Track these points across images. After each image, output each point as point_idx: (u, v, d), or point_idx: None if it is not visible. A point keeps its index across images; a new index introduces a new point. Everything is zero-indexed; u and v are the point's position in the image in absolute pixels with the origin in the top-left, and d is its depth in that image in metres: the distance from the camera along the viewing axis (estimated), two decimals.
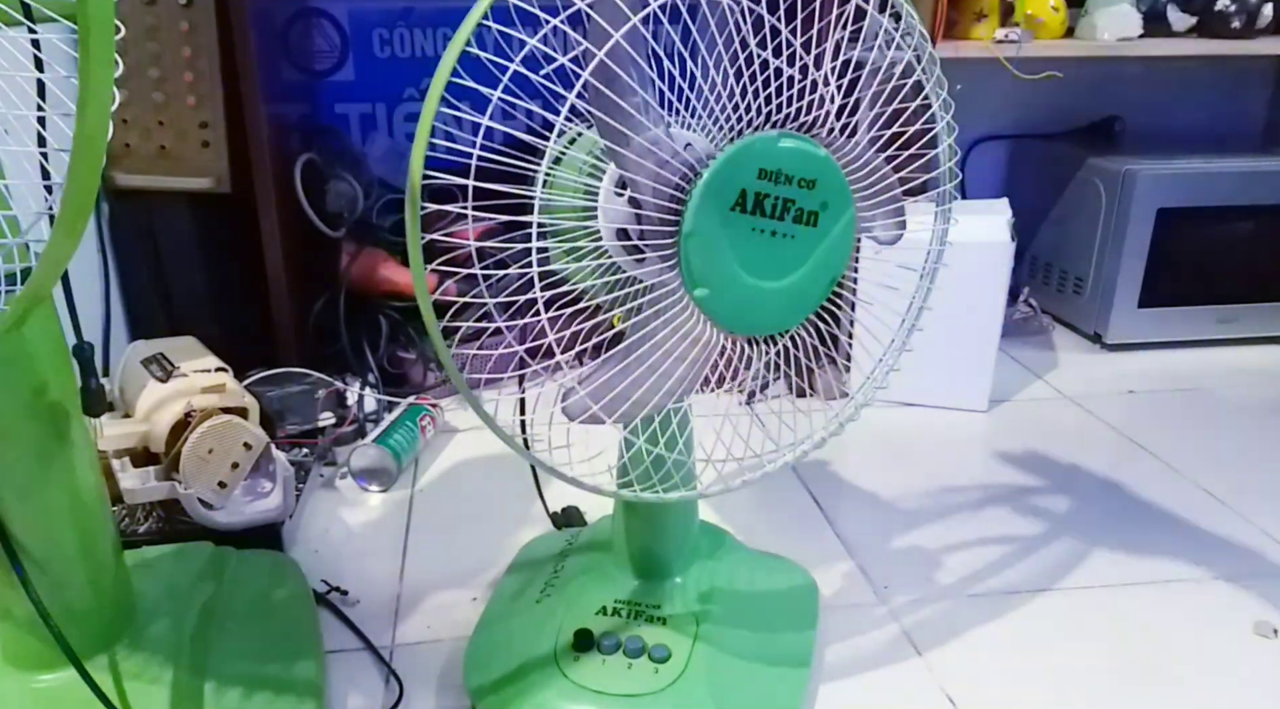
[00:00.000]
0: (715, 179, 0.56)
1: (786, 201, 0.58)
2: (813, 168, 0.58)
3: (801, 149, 0.58)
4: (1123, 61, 1.58)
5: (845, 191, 0.60)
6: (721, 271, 0.58)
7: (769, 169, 0.57)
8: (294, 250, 1.27)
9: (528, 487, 0.93)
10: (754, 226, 0.58)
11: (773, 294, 0.60)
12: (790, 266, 0.60)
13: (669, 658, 0.70)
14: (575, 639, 0.71)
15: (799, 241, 0.59)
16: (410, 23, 1.44)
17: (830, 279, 0.62)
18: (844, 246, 0.61)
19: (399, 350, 1.29)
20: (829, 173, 0.59)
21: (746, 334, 0.63)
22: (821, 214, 0.59)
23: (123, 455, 0.86)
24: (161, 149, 1.17)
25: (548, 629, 0.73)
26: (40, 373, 0.59)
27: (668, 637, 0.71)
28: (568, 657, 0.71)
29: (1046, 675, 0.77)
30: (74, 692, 0.60)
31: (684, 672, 0.69)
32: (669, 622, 0.73)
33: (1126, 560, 0.93)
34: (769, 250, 0.59)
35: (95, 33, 0.41)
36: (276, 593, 0.80)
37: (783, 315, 0.62)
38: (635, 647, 0.70)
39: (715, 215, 0.57)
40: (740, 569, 0.83)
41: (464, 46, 0.52)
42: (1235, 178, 1.44)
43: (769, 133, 0.57)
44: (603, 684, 0.68)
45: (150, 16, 1.13)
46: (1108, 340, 1.50)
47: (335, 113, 1.47)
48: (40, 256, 0.49)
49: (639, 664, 0.69)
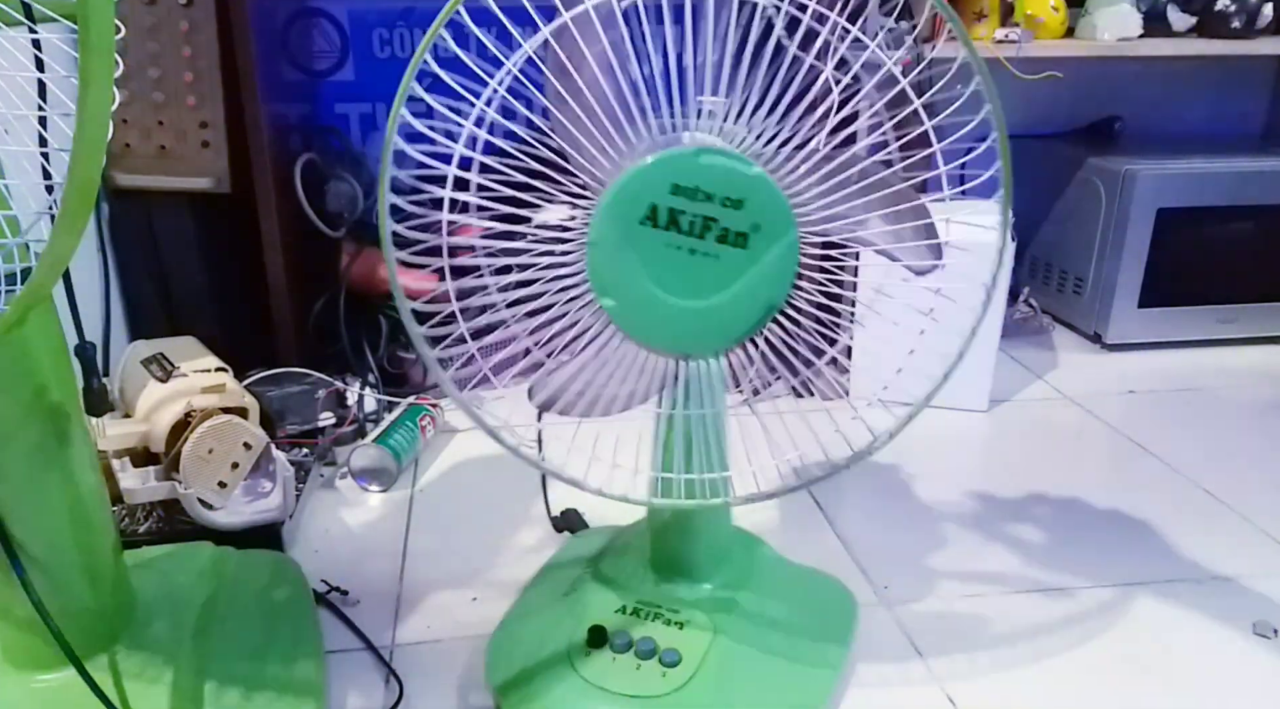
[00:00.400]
0: (621, 191, 0.56)
1: (707, 220, 0.55)
2: (739, 187, 0.55)
3: (725, 166, 0.55)
4: (1123, 61, 1.58)
5: (784, 213, 0.56)
6: (630, 284, 0.58)
7: (685, 185, 0.55)
8: (294, 250, 1.27)
9: (527, 486, 0.93)
10: (669, 243, 0.56)
11: (693, 313, 0.58)
12: (713, 288, 0.57)
13: (679, 663, 0.69)
14: (589, 635, 0.71)
15: (724, 263, 0.56)
16: (410, 23, 1.44)
17: (765, 306, 0.58)
18: (782, 273, 0.57)
19: (399, 350, 1.29)
20: (761, 192, 0.55)
21: (663, 350, 0.61)
22: (752, 236, 0.56)
23: (123, 455, 0.86)
24: (161, 149, 1.17)
25: (567, 624, 0.73)
26: (40, 373, 0.59)
27: (681, 641, 0.70)
28: (580, 652, 0.70)
29: (1046, 675, 0.77)
30: (74, 691, 0.60)
31: (691, 678, 0.68)
32: (685, 626, 0.72)
33: (1126, 560, 0.93)
34: (688, 268, 0.56)
35: (95, 32, 0.41)
36: (276, 593, 0.80)
37: (705, 337, 0.60)
38: (647, 648, 0.70)
39: (620, 227, 0.56)
40: (771, 580, 0.80)
41: (424, 55, 0.52)
42: (1235, 178, 1.44)
43: (686, 148, 0.55)
44: (609, 682, 0.68)
45: (150, 16, 1.13)
46: (1108, 340, 1.50)
47: (335, 113, 1.47)
48: (40, 256, 0.49)
49: (648, 666, 0.69)
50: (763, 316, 0.58)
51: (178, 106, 1.15)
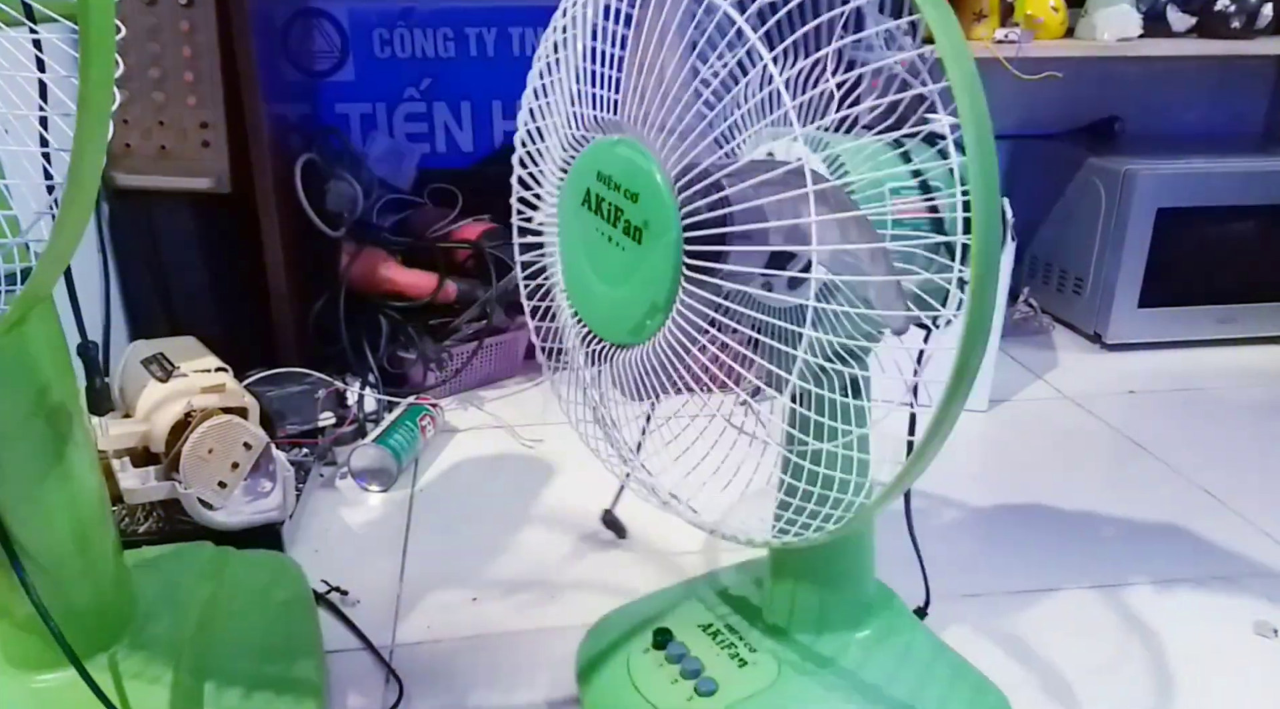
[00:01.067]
0: (572, 173, 0.57)
1: (617, 210, 0.54)
2: (637, 180, 0.52)
3: (628, 157, 0.52)
4: (1122, 62, 1.58)
5: (667, 211, 0.50)
6: (574, 263, 0.59)
7: (604, 173, 0.54)
8: (294, 250, 1.27)
9: (528, 486, 0.93)
10: (597, 227, 0.55)
11: (610, 300, 0.56)
12: (622, 277, 0.55)
13: (713, 694, 0.65)
14: (655, 636, 0.70)
15: (629, 255, 0.54)
16: (410, 23, 1.44)
17: (649, 305, 0.53)
18: (661, 275, 0.51)
19: (399, 350, 1.29)
20: (652, 188, 0.51)
21: (602, 335, 0.59)
22: (644, 231, 0.52)
23: (123, 455, 0.86)
24: (162, 149, 1.17)
25: (652, 623, 0.72)
26: (41, 373, 0.59)
27: (730, 677, 0.66)
28: (640, 649, 0.70)
29: (1046, 675, 0.77)
30: (74, 691, 0.60)
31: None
32: (745, 666, 0.67)
33: (1126, 560, 0.94)
34: (609, 255, 0.55)
35: (96, 33, 0.41)
36: (276, 593, 0.80)
37: (616, 326, 0.58)
38: (692, 668, 0.67)
39: (570, 205, 0.57)
40: (892, 656, 0.68)
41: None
42: (1235, 178, 1.44)
43: (610, 137, 0.54)
44: (644, 685, 0.67)
45: (151, 17, 1.13)
46: (1107, 340, 1.50)
47: (336, 113, 1.48)
48: (41, 256, 0.50)
49: (683, 685, 0.66)
50: (649, 315, 0.54)
51: (178, 107, 1.15)
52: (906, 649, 0.70)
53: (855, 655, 0.68)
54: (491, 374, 1.35)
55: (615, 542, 0.97)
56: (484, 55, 1.48)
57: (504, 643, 0.81)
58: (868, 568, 0.70)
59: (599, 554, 0.95)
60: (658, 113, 0.50)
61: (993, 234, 0.41)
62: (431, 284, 1.30)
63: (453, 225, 1.36)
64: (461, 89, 1.49)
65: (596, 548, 0.96)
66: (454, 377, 1.29)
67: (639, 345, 0.56)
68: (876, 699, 0.65)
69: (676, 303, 0.52)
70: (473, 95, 1.50)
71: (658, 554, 0.94)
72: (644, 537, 0.97)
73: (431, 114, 1.50)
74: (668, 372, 0.54)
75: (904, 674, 0.67)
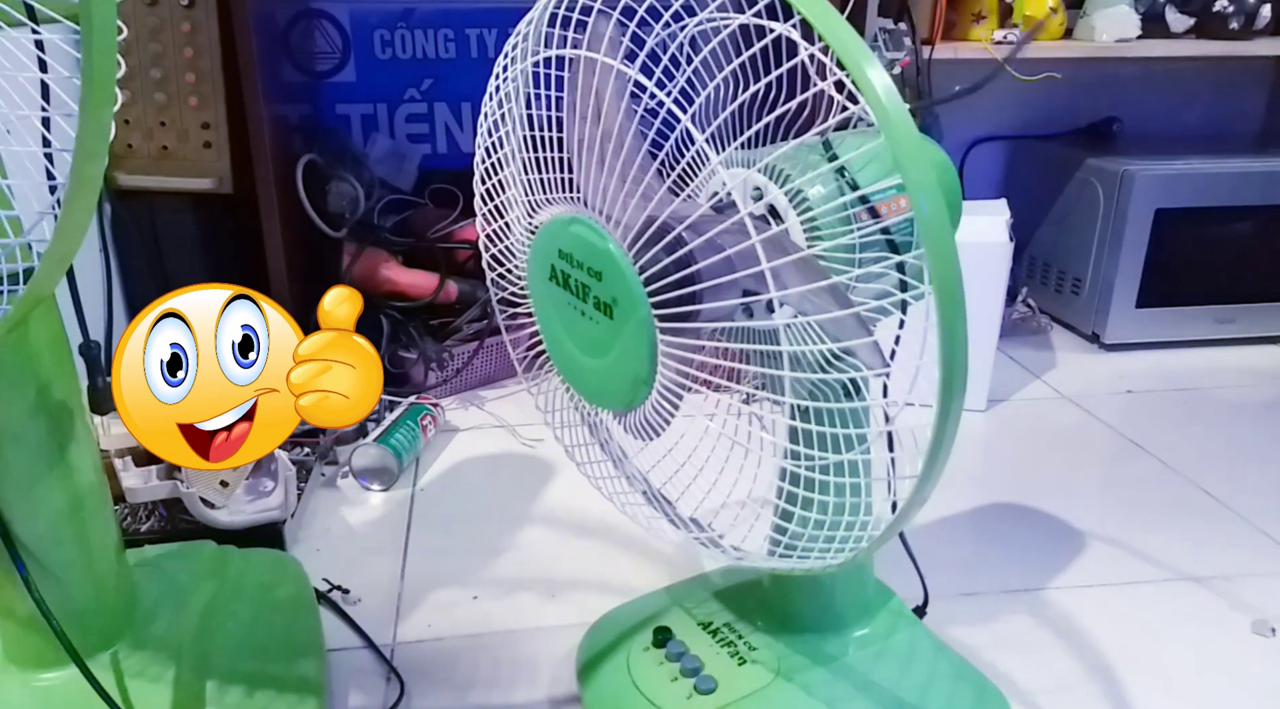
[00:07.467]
0: (534, 247, 0.58)
1: (583, 286, 0.55)
2: (597, 259, 0.53)
3: (585, 237, 0.53)
4: (1121, 62, 1.58)
5: (631, 291, 0.51)
6: (552, 333, 0.60)
7: (564, 250, 0.55)
8: (295, 250, 1.27)
9: (528, 486, 0.93)
10: (568, 302, 0.56)
11: (595, 372, 0.57)
12: (601, 351, 0.56)
13: (712, 692, 0.65)
14: (655, 634, 0.70)
15: (603, 329, 0.55)
16: (411, 24, 1.45)
17: (633, 378, 0.54)
18: (639, 352, 0.52)
19: (400, 350, 1.29)
20: (613, 267, 0.52)
21: (595, 404, 0.61)
22: (614, 308, 0.53)
23: (125, 454, 0.86)
24: (163, 149, 1.17)
25: (651, 622, 0.72)
26: (43, 372, 0.59)
27: (729, 675, 0.66)
28: (640, 647, 0.70)
29: (1046, 675, 0.78)
30: (76, 690, 0.60)
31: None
32: (745, 664, 0.67)
33: (1125, 560, 0.94)
34: (585, 329, 0.56)
35: (97, 34, 0.41)
36: (278, 592, 0.81)
37: (607, 397, 0.59)
38: (692, 667, 0.67)
39: (539, 279, 0.59)
40: (888, 654, 0.68)
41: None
42: (1233, 178, 1.44)
43: (565, 214, 0.55)
44: (643, 682, 0.67)
45: (152, 17, 1.13)
46: (1106, 340, 1.50)
47: (337, 113, 1.48)
48: (43, 256, 0.50)
49: (682, 683, 0.66)
50: (634, 387, 0.55)
51: (180, 107, 1.16)
52: (905, 648, 0.70)
53: (854, 654, 0.68)
54: (492, 374, 1.35)
55: (615, 541, 0.97)
56: (485, 56, 1.48)
57: (504, 641, 0.82)
58: (866, 567, 0.71)
59: (599, 553, 0.95)
60: (609, 204, 0.51)
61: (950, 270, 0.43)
62: (432, 284, 1.31)
63: (454, 226, 1.37)
64: (462, 90, 1.49)
65: (596, 547, 0.96)
66: (455, 376, 1.30)
67: (636, 407, 0.57)
68: (875, 698, 0.65)
69: (659, 372, 0.53)
70: (474, 96, 1.50)
71: (658, 553, 0.94)
72: (644, 536, 0.97)
73: (432, 115, 1.50)
74: (667, 414, 0.55)
75: (903, 673, 0.68)
